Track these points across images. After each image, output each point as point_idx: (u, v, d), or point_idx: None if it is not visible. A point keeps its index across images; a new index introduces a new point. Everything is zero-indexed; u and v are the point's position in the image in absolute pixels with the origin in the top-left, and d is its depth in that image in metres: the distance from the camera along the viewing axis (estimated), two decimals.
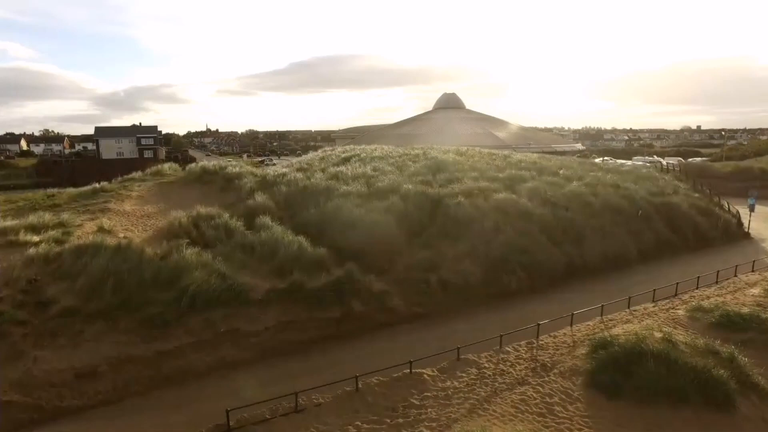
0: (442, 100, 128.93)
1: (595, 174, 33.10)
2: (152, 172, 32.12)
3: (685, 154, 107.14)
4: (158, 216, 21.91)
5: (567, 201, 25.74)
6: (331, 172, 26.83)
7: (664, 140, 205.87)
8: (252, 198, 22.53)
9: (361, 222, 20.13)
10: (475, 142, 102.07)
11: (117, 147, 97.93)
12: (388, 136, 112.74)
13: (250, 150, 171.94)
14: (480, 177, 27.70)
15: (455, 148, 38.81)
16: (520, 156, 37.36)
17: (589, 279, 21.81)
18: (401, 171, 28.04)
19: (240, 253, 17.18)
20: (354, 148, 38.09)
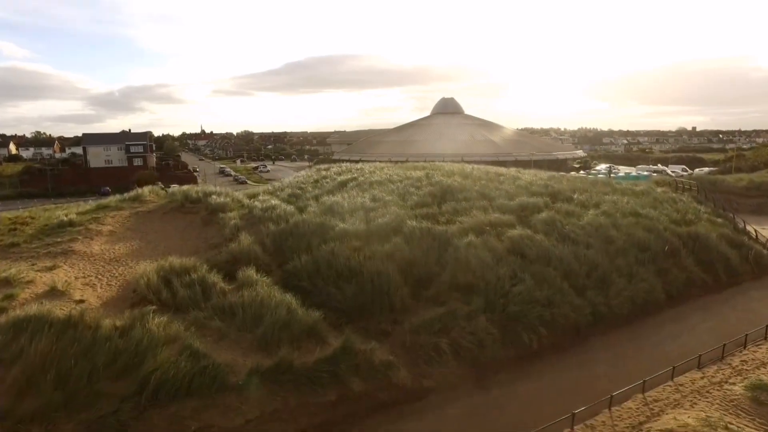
0: (440, 104, 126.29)
1: (610, 198, 30.63)
2: (131, 198, 29.48)
3: (688, 162, 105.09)
4: (129, 260, 19.29)
5: (587, 236, 23.27)
6: (326, 203, 24.24)
7: (663, 144, 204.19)
8: (236, 239, 19.89)
9: (359, 272, 17.56)
10: (475, 150, 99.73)
11: (105, 155, 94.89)
12: (386, 142, 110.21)
13: (244, 155, 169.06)
14: (489, 206, 25.23)
15: (459, 168, 36.24)
16: (529, 177, 34.84)
17: (616, 331, 19.36)
18: (403, 200, 25.49)
19: (218, 319, 14.56)
20: (351, 169, 35.50)
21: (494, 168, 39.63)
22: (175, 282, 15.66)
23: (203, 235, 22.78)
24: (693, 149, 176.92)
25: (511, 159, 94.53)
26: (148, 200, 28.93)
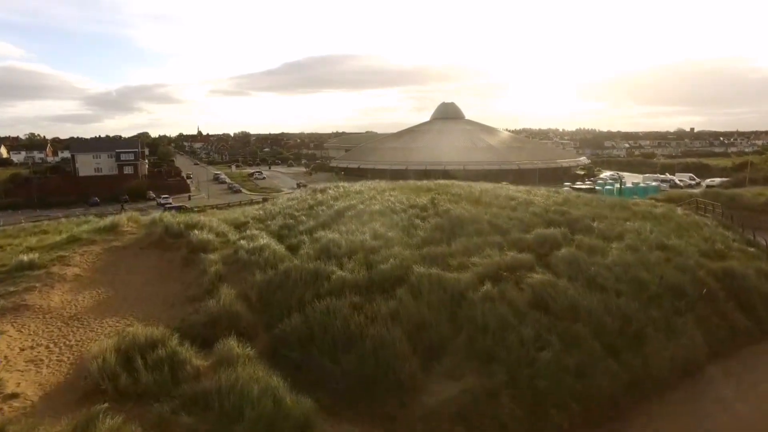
0: (441, 109, 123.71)
1: (632, 225, 28.03)
2: (106, 227, 26.79)
3: (695, 169, 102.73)
4: (92, 318, 16.63)
5: (615, 279, 20.62)
6: (321, 241, 21.57)
7: (665, 147, 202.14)
8: (217, 291, 17.23)
9: (360, 338, 14.91)
10: (477, 157, 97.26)
11: (95, 163, 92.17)
12: (385, 149, 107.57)
13: (240, 159, 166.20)
14: (504, 242, 22.62)
15: (467, 190, 33.67)
16: (542, 200, 32.32)
17: (657, 399, 16.73)
18: (408, 235, 22.85)
19: (187, 413, 11.85)
20: (348, 192, 32.92)
21: (504, 189, 37.07)
22: (138, 361, 12.95)
23: (182, 280, 20.15)
24: (696, 153, 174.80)
25: (514, 167, 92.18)
26: (125, 231, 26.29)
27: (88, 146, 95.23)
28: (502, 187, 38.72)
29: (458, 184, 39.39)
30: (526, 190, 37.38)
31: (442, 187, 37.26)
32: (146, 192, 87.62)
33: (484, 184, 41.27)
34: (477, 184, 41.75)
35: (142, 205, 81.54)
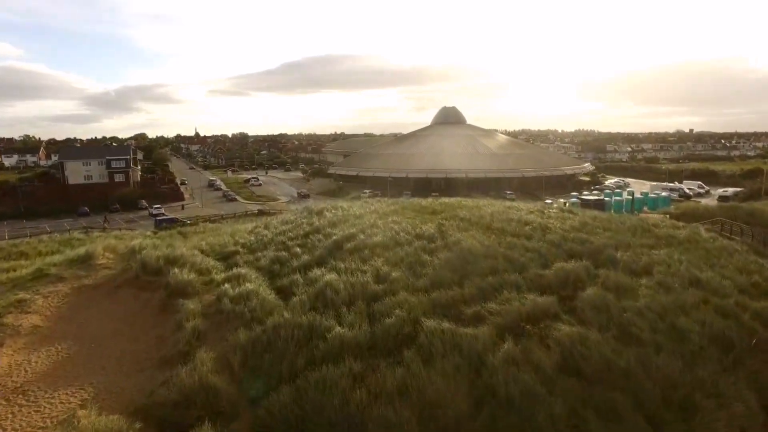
0: (442, 114, 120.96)
1: (659, 256, 25.51)
2: (80, 258, 24.23)
3: (702, 176, 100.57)
4: (43, 388, 14.09)
5: (651, 329, 18.02)
6: (316, 283, 19.01)
7: (667, 151, 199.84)
8: (193, 356, 14.65)
9: (361, 424, 12.34)
10: (479, 164, 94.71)
11: (85, 170, 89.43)
12: (384, 155, 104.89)
13: (236, 164, 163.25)
14: (522, 281, 20.08)
15: (477, 213, 31.14)
16: (557, 222, 29.87)
17: None
18: (414, 275, 20.30)
19: None
20: (347, 218, 30.43)
21: (516, 211, 34.58)
22: None
23: (156, 331, 17.60)
24: (699, 157, 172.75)
25: (518, 175, 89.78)
26: (99, 264, 23.74)
27: (77, 153, 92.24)
28: (513, 209, 36.28)
29: (466, 204, 36.92)
30: (539, 211, 34.93)
31: (448, 208, 34.81)
32: (138, 201, 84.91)
33: (493, 204, 38.83)
34: (486, 203, 39.40)
35: (133, 215, 78.93)
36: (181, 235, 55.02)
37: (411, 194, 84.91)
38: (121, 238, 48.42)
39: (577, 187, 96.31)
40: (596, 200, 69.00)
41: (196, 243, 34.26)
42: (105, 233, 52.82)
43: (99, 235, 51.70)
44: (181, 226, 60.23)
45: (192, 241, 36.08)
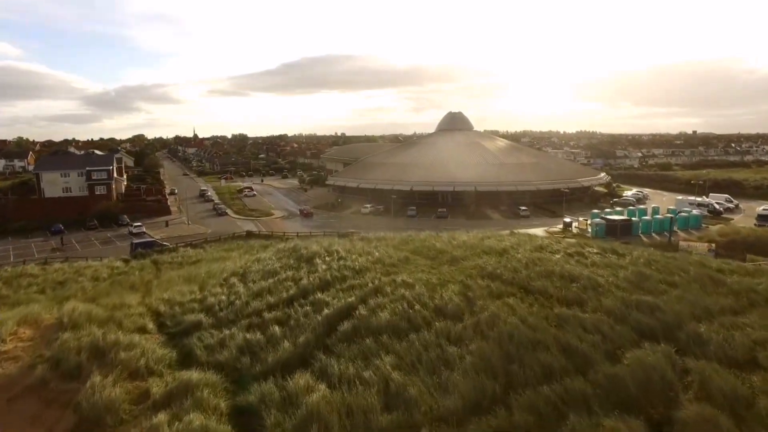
0: (447, 119, 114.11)
1: (750, 324, 18.55)
2: None
3: (726, 187, 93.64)
4: None
5: None
6: (297, 412, 12.09)
7: (678, 156, 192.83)
8: None
9: None
10: (490, 176, 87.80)
11: (63, 182, 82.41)
12: (387, 165, 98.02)
13: (231, 171, 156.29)
14: (592, 391, 13.15)
15: (505, 255, 24.33)
16: (608, 273, 23.00)
17: None
18: (438, 386, 13.41)
19: None
20: (342, 270, 23.61)
21: (552, 254, 27.76)
22: None
23: None
24: (713, 163, 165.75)
25: (532, 188, 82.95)
26: (4, 352, 16.93)
27: (55, 163, 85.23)
28: (548, 250, 29.41)
29: (491, 245, 30.21)
30: (578, 253, 28.10)
31: (470, 253, 27.88)
32: (119, 216, 77.96)
33: (521, 243, 31.84)
34: (513, 241, 32.48)
35: (112, 233, 72.09)
36: (153, 265, 48.28)
37: (416, 210, 78.14)
38: (76, 276, 41.58)
39: (594, 200, 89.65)
40: (623, 222, 62.10)
41: (157, 299, 27.49)
42: (64, 265, 45.92)
43: (58, 269, 44.90)
44: (158, 252, 53.49)
45: (156, 292, 29.39)
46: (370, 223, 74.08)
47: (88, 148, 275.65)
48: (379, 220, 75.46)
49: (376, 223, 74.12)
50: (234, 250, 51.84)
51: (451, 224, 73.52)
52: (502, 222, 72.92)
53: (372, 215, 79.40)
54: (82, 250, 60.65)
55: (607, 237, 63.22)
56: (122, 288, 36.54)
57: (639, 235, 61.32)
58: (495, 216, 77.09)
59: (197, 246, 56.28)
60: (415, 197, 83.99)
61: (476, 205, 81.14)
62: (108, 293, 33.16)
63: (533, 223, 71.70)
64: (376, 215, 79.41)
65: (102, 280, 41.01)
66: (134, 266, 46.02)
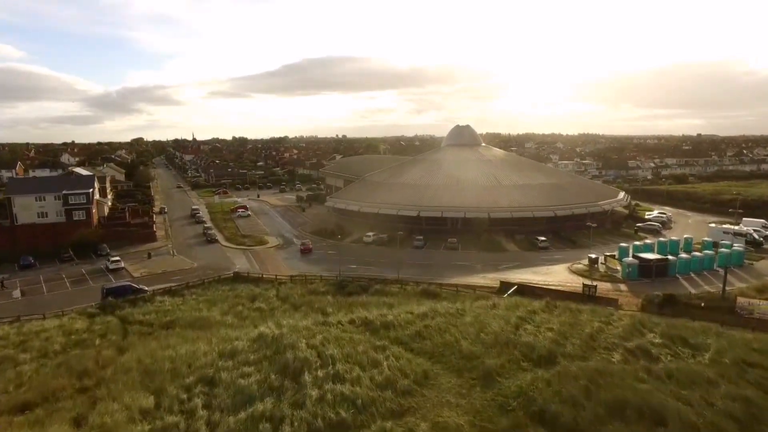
0: (455, 133, 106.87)
1: None
2: None
3: (755, 208, 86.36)
4: None
5: None
6: None
7: (692, 167, 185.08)
8: None
9: None
10: (503, 200, 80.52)
11: (38, 206, 75.40)
12: (391, 185, 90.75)
13: (227, 184, 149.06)
14: None
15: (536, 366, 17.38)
16: (678, 411, 16.02)
17: None
18: None
19: None
20: (340, 396, 16.79)
21: (606, 351, 20.85)
22: None
23: None
24: (731, 174, 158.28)
25: (548, 214, 75.90)
26: None
27: (29, 187, 77.85)
28: (608, 344, 22.65)
29: (533, 345, 23.19)
30: (656, 364, 21.15)
31: (506, 357, 21.17)
32: (99, 245, 70.99)
33: (570, 324, 24.86)
34: (563, 332, 25.49)
35: (88, 266, 65.08)
36: (120, 327, 41.11)
37: (423, 240, 71.06)
38: (18, 351, 33.92)
39: (616, 224, 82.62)
40: (658, 262, 54.87)
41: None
42: (11, 329, 38.87)
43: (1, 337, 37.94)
44: (131, 303, 46.59)
45: (101, 405, 22.59)
46: (372, 255, 67.01)
47: (85, 153, 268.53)
48: (383, 252, 68.27)
49: (379, 256, 67.06)
50: (216, 304, 44.91)
51: (463, 258, 66.44)
52: (519, 255, 65.68)
53: (375, 245, 72.25)
54: (48, 294, 53.64)
55: (641, 278, 56.31)
56: (69, 376, 29.72)
57: (677, 277, 54.13)
58: (510, 247, 69.83)
59: (176, 293, 49.36)
60: (422, 223, 76.96)
61: (489, 232, 74.06)
62: (44, 396, 26.38)
63: (554, 257, 64.45)
64: (379, 245, 72.22)
65: (52, 355, 34.11)
66: (97, 330, 39.09)
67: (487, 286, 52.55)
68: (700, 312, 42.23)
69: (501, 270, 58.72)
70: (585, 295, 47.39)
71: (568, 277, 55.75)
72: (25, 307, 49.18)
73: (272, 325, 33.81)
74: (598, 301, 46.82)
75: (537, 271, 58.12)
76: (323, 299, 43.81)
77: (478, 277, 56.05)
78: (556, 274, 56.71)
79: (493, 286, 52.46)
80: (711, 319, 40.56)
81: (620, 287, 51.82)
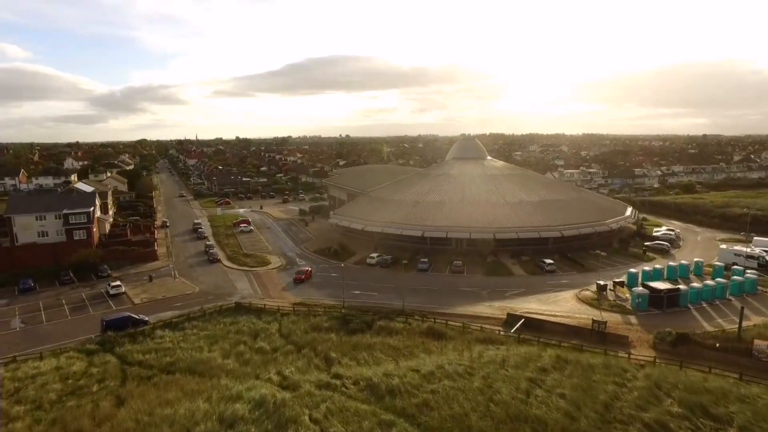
0: (460, 147, 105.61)
1: None
2: None
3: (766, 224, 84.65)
4: None
5: None
6: None
7: (700, 174, 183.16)
8: None
9: None
10: (510, 219, 79.10)
11: (39, 225, 74.58)
12: (395, 202, 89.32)
13: (230, 194, 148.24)
14: None
15: None
16: None
17: None
18: None
19: None
20: None
21: None
22: None
23: None
24: (739, 184, 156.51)
25: (555, 234, 74.65)
26: None
27: (29, 205, 76.97)
28: None
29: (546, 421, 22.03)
30: None
31: None
32: (99, 266, 70.19)
33: (584, 390, 23.48)
34: (575, 401, 24.17)
35: (88, 289, 64.19)
36: (119, 371, 39.94)
37: (428, 263, 69.87)
38: (12, 402, 32.07)
39: (624, 243, 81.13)
40: (669, 292, 53.51)
41: None
42: (7, 374, 37.89)
43: None
44: (132, 335, 45.66)
45: None
46: (376, 279, 65.83)
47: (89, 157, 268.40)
48: (387, 276, 67.11)
49: (383, 280, 65.87)
50: (217, 342, 43.81)
51: (468, 282, 65.20)
52: (526, 280, 64.44)
53: (379, 266, 71.09)
54: (47, 323, 52.72)
55: (651, 309, 54.91)
56: None
57: (688, 307, 52.75)
58: (516, 270, 68.56)
59: (177, 326, 48.42)
60: (426, 243, 75.81)
61: (495, 253, 72.85)
62: None
63: (561, 281, 63.14)
64: (383, 266, 71.07)
65: (47, 407, 33.10)
66: (95, 373, 38.08)
67: (493, 317, 51.38)
68: (715, 354, 40.96)
69: (507, 297, 57.52)
70: (594, 331, 46.15)
71: (575, 306, 54.46)
72: (23, 339, 48.32)
73: (274, 377, 32.77)
74: (608, 338, 45.58)
75: (544, 299, 56.88)
76: (326, 338, 42.62)
77: (484, 306, 54.86)
78: (564, 303, 55.47)
79: (499, 317, 51.29)
80: (727, 363, 39.28)
81: (630, 320, 50.48)
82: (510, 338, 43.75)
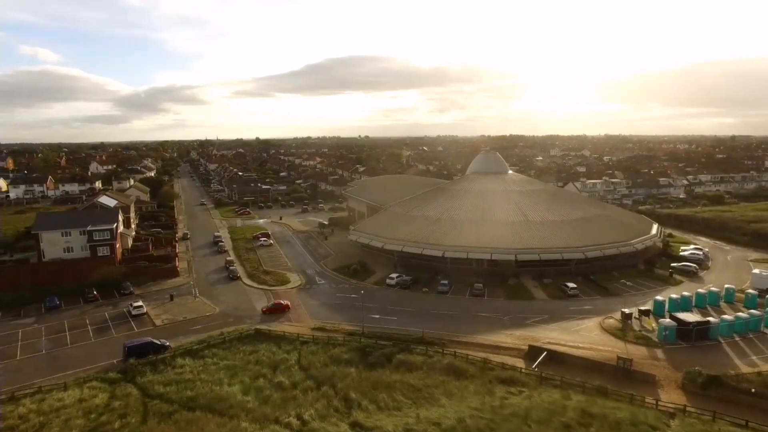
0: (481, 160, 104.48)
1: None
2: None
3: None
4: None
5: None
6: None
7: (729, 183, 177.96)
8: None
9: None
10: (533, 239, 77.64)
11: (64, 242, 76.19)
12: (415, 219, 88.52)
13: (250, 201, 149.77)
14: None
15: None
16: None
17: None
18: None
19: None
20: None
21: None
22: None
23: None
24: None
25: (578, 256, 73.15)
26: None
27: (56, 222, 79.10)
28: None
29: None
30: None
31: None
32: (122, 283, 71.21)
33: None
34: None
35: (110, 308, 65.09)
36: (140, 405, 40.32)
37: (449, 285, 69.15)
38: None
39: (649, 264, 79.03)
40: (698, 325, 51.79)
41: None
42: (33, 406, 38.43)
43: (19, 417, 37.56)
44: (153, 363, 46.08)
45: None
46: (396, 302, 65.29)
47: (113, 161, 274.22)
48: (407, 298, 66.58)
49: (402, 303, 65.33)
50: (237, 374, 43.85)
51: (489, 307, 64.23)
52: (548, 305, 63.19)
53: (399, 287, 70.60)
54: (71, 346, 53.56)
55: (679, 341, 53.21)
56: None
57: (719, 341, 50.90)
58: (538, 294, 67.34)
59: (197, 354, 48.69)
60: (446, 262, 75.03)
61: (516, 275, 71.72)
62: None
63: (584, 307, 61.73)
64: (403, 288, 70.58)
65: None
66: (117, 407, 38.39)
67: (514, 347, 50.40)
68: (751, 399, 39.34)
69: (528, 325, 56.43)
70: (620, 368, 44.84)
71: (599, 337, 53.03)
72: (48, 364, 49.13)
73: (294, 421, 32.50)
74: (634, 376, 44.21)
75: (566, 327, 55.60)
76: (346, 373, 42.28)
77: (504, 335, 53.87)
78: (587, 333, 54.10)
79: (521, 347, 50.28)
80: (763, 410, 37.65)
81: (657, 354, 48.89)
82: (531, 377, 42.70)
